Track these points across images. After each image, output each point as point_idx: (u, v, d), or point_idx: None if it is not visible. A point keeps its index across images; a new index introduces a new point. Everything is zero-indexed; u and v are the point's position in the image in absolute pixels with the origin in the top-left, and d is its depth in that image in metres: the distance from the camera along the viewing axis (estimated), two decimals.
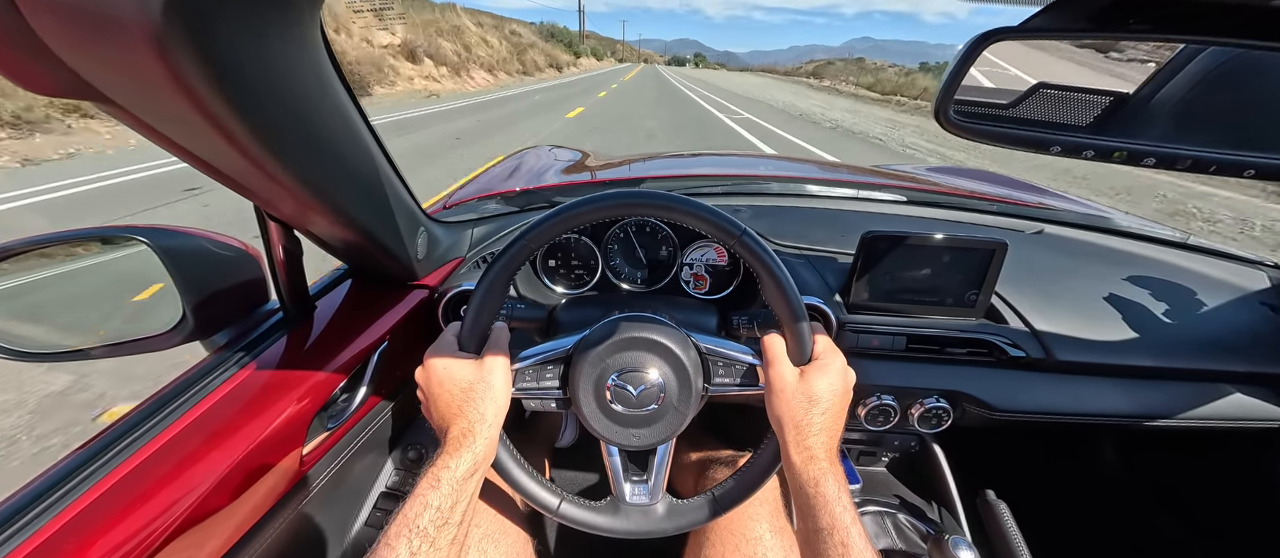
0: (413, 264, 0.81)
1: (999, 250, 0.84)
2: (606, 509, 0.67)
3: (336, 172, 0.53)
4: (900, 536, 0.92)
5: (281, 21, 0.36)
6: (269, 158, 0.41)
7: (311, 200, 0.52)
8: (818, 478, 0.55)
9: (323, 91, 0.44)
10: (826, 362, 0.62)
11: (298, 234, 0.64)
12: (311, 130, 0.45)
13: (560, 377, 0.66)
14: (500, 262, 0.60)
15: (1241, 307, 0.95)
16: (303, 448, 0.63)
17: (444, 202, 1.26)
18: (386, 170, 0.64)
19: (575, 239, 1.01)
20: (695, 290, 1.03)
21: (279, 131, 0.41)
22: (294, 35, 0.38)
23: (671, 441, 0.66)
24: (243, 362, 0.63)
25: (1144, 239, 1.13)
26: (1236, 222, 5.19)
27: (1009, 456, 1.23)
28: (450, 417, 0.58)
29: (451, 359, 0.60)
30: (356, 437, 0.76)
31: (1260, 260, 1.08)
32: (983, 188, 1.55)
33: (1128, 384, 0.88)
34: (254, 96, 0.36)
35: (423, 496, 0.52)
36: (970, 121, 0.45)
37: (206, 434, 0.54)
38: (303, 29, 0.38)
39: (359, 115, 0.55)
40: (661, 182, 1.39)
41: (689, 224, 0.59)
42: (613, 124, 11.07)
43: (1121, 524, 1.21)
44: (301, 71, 0.40)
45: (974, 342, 0.87)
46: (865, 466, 1.11)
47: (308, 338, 0.71)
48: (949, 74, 0.43)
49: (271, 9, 0.34)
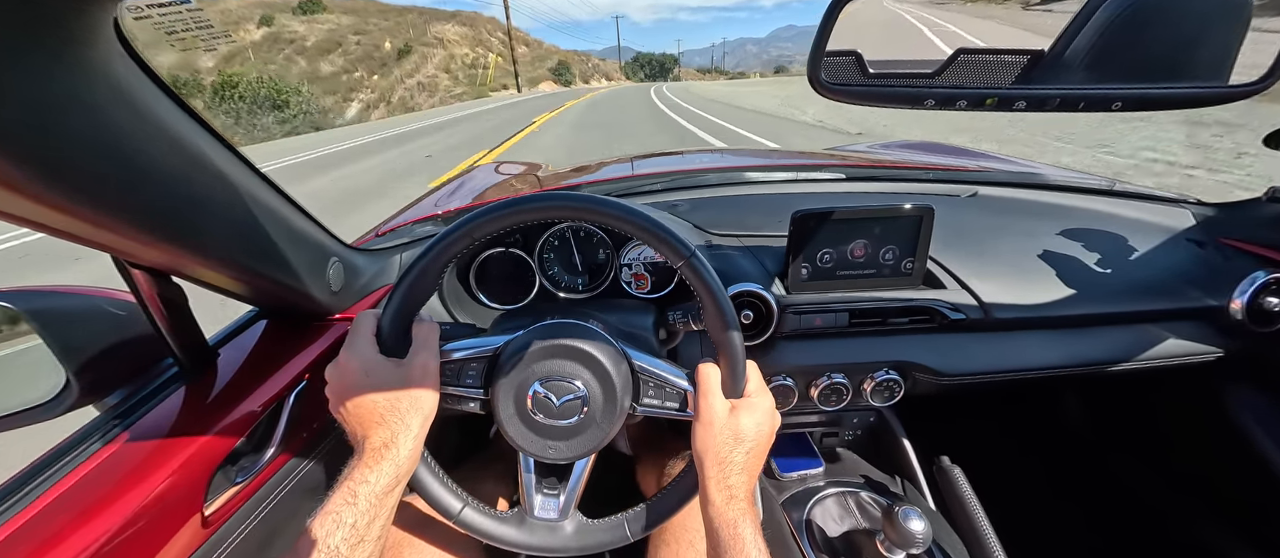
0: (326, 298, 0.77)
1: (926, 216, 0.84)
2: (511, 521, 0.64)
3: (191, 209, 0.48)
4: (863, 514, 0.91)
5: (56, 45, 0.32)
6: (86, 205, 0.37)
7: (168, 244, 0.48)
8: (736, 520, 0.54)
9: (140, 122, 0.40)
10: (756, 401, 0.61)
11: (176, 281, 0.59)
12: (142, 167, 0.41)
13: (483, 377, 0.63)
14: (435, 247, 0.56)
15: (1169, 247, 0.97)
16: (205, 508, 0.59)
17: (375, 230, 1.21)
18: (270, 203, 0.60)
19: (508, 252, 0.97)
20: (637, 290, 1.00)
21: (89, 173, 0.36)
22: (78, 61, 0.34)
23: (591, 458, 0.64)
24: (125, 425, 0.58)
25: (1073, 190, 1.15)
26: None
27: (965, 419, 1.24)
28: (369, 425, 0.54)
29: (373, 361, 0.56)
30: (280, 485, 0.72)
31: (1183, 198, 1.11)
32: (922, 158, 1.56)
33: (1067, 335, 0.88)
34: (37, 141, 0.32)
35: (336, 511, 0.49)
36: (841, 85, 0.44)
37: (76, 511, 0.49)
38: (87, 50, 0.34)
39: (221, 146, 0.51)
40: (603, 185, 1.37)
41: (640, 237, 0.57)
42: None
43: (1076, 471, 1.22)
44: (99, 98, 0.36)
45: (915, 309, 0.87)
46: (828, 445, 1.10)
47: (210, 389, 0.66)
48: (815, 42, 0.41)
49: (35, 35, 0.30)
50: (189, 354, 0.65)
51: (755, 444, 0.58)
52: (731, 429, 0.58)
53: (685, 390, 0.63)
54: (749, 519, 0.54)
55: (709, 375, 0.61)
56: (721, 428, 0.58)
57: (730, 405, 0.60)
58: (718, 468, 0.57)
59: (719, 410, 0.59)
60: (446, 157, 9.86)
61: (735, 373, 0.60)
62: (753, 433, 0.58)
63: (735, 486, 0.56)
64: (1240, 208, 1.00)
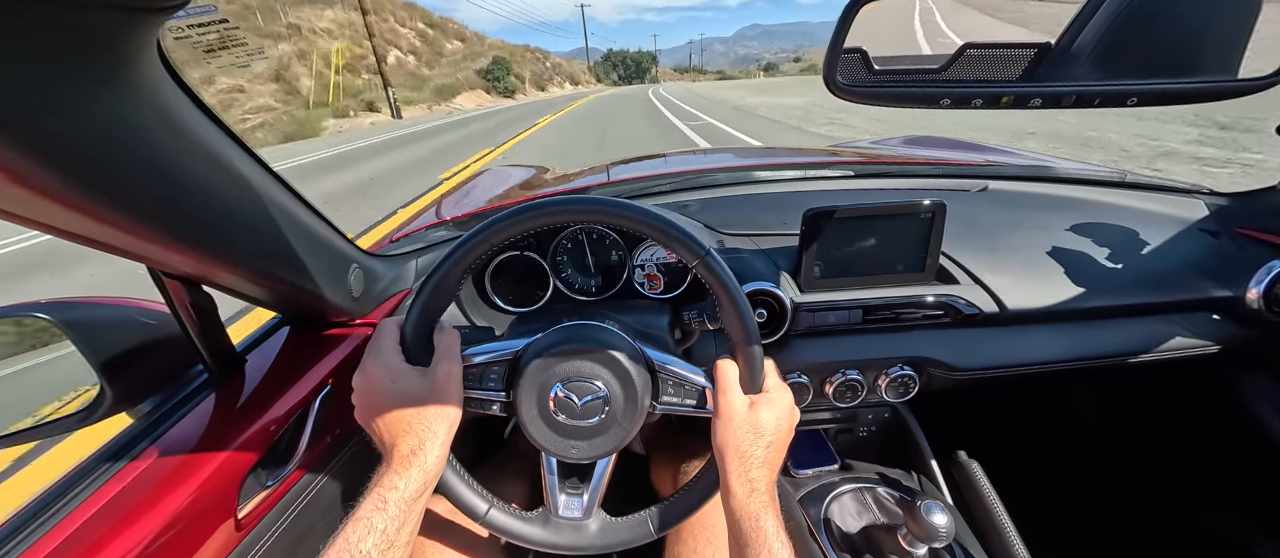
0: (347, 304, 0.78)
1: (939, 212, 0.85)
2: (536, 521, 0.65)
3: (222, 220, 0.50)
4: (881, 510, 0.91)
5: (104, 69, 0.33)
6: (128, 218, 0.39)
7: (200, 254, 0.49)
8: (758, 512, 0.54)
9: (176, 137, 0.41)
10: (775, 397, 0.62)
11: (206, 289, 0.61)
12: (178, 180, 0.42)
13: (504, 380, 0.64)
14: (454, 255, 0.58)
15: (1182, 238, 0.97)
16: (237, 512, 0.60)
17: (390, 235, 1.23)
18: (293, 211, 0.62)
19: (522, 256, 0.99)
20: (650, 291, 1.01)
21: (131, 188, 0.38)
22: (126, 81, 0.35)
23: (612, 456, 0.65)
24: (159, 432, 0.60)
25: (1084, 183, 1.15)
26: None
27: (979, 414, 1.24)
28: (398, 432, 0.55)
29: (398, 370, 0.58)
30: (308, 488, 0.73)
31: (1196, 188, 1.11)
32: (930, 153, 1.56)
33: (1080, 328, 0.88)
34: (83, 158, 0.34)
35: (366, 518, 0.50)
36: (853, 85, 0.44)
37: (116, 519, 0.51)
38: (134, 72, 0.36)
39: (248, 157, 0.53)
40: (613, 187, 1.38)
41: (655, 238, 0.58)
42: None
43: (1088, 465, 1.22)
44: (144, 120, 0.38)
45: (928, 304, 0.87)
46: (843, 442, 1.10)
47: (238, 395, 0.68)
48: (831, 42, 0.42)
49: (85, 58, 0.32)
50: (218, 361, 0.66)
51: (775, 438, 0.59)
52: (751, 424, 0.59)
53: (704, 387, 0.64)
54: (771, 512, 0.55)
55: (727, 372, 0.62)
56: (741, 423, 0.59)
57: (749, 401, 0.61)
58: (739, 462, 0.57)
59: (738, 406, 0.60)
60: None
61: (753, 369, 0.61)
62: (772, 427, 0.59)
63: (756, 479, 0.57)
64: (1255, 197, 1.00)
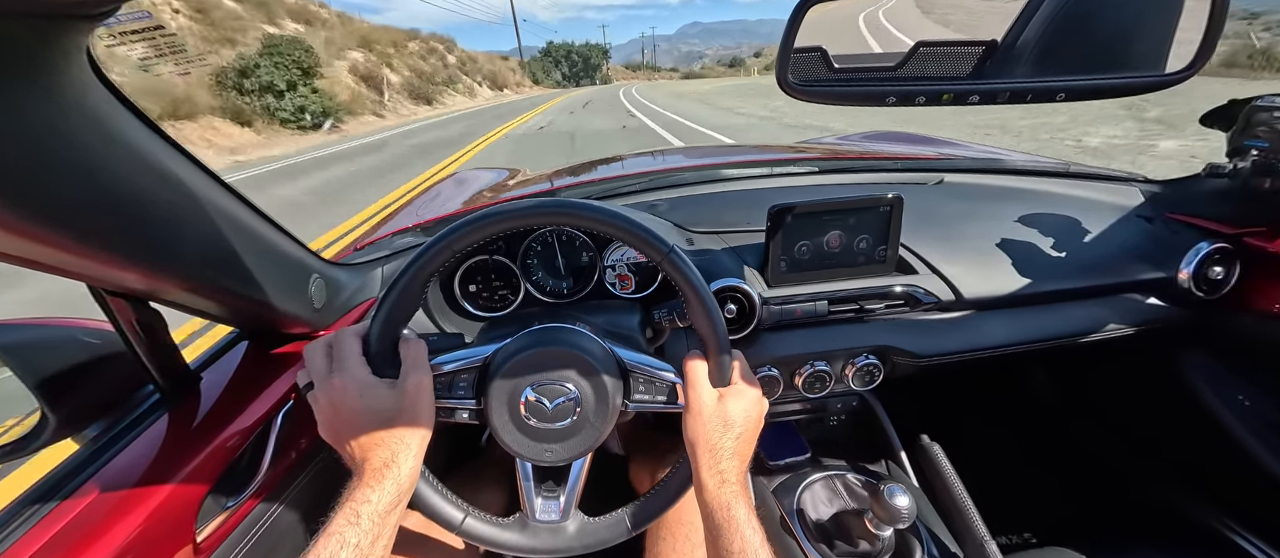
0: (309, 315, 0.76)
1: (897, 205, 0.88)
2: (513, 527, 0.65)
3: (166, 231, 0.48)
4: (851, 495, 0.94)
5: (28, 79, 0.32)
6: (62, 234, 0.37)
7: (144, 269, 0.47)
8: (729, 502, 0.55)
9: (115, 148, 0.39)
10: (742, 389, 0.63)
11: (154, 306, 0.58)
12: (115, 191, 0.40)
13: (474, 387, 0.63)
14: (415, 264, 0.56)
15: (1121, 224, 1.03)
16: (196, 536, 0.58)
17: (354, 243, 1.20)
18: (244, 220, 0.59)
19: (492, 260, 0.98)
20: (622, 291, 1.02)
21: (64, 202, 0.36)
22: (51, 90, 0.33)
23: (587, 457, 0.65)
24: (108, 457, 0.57)
25: (1032, 173, 1.21)
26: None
27: (943, 398, 1.29)
28: (369, 447, 0.54)
29: (366, 383, 0.56)
30: (272, 506, 0.71)
31: (1132, 176, 1.18)
32: (889, 148, 1.62)
33: (1031, 312, 0.93)
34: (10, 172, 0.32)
35: (339, 532, 0.49)
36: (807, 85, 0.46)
37: (61, 552, 0.48)
38: (61, 79, 0.34)
39: (194, 166, 0.51)
40: (583, 188, 1.38)
41: (620, 239, 0.58)
42: None
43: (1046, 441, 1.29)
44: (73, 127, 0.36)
45: (890, 294, 0.90)
46: (814, 433, 1.13)
47: (194, 415, 0.65)
48: (782, 42, 0.43)
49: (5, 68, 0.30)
50: (170, 380, 0.64)
51: (744, 429, 0.60)
52: (720, 416, 0.60)
53: (674, 383, 0.64)
54: (742, 501, 0.56)
55: (696, 367, 0.63)
56: (711, 416, 0.60)
57: (718, 394, 0.62)
58: (709, 455, 0.58)
59: (707, 399, 0.61)
60: None
61: (720, 363, 0.62)
62: (741, 419, 0.60)
63: (727, 470, 0.58)
64: (1183, 183, 1.07)
